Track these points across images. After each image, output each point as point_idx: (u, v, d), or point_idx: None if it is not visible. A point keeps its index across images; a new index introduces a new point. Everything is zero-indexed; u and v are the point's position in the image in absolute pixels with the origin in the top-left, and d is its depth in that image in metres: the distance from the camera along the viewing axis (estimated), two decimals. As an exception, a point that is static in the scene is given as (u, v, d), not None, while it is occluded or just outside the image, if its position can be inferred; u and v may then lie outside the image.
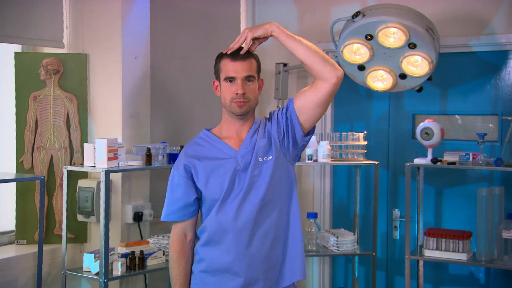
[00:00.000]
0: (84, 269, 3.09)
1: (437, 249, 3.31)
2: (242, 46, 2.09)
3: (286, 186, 2.13)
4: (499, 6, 3.50)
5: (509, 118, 3.28)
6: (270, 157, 2.10)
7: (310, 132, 2.16)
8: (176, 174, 2.13)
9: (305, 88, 2.14)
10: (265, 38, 2.10)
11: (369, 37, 3.15)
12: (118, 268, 3.04)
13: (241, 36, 2.08)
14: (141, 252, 3.14)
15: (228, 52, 2.08)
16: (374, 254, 3.53)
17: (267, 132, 2.14)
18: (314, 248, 3.55)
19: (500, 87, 3.57)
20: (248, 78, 2.08)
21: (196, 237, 2.17)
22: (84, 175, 3.36)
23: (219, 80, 2.12)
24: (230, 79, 2.08)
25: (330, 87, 2.04)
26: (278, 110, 2.18)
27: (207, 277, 2.10)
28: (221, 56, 2.12)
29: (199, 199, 2.13)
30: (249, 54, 2.10)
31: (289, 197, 2.14)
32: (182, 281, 2.13)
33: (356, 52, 3.29)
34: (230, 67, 2.07)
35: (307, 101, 2.09)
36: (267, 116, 2.22)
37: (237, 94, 2.07)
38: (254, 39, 2.09)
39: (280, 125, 2.13)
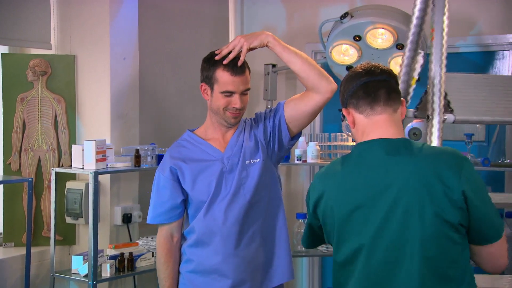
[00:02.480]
0: (72, 271, 3.07)
1: (425, 248, 3.32)
2: (238, 56, 2.03)
3: (272, 188, 2.13)
4: (486, 7, 3.53)
5: (496, 118, 3.31)
6: (258, 159, 2.10)
7: (296, 136, 2.17)
8: (161, 177, 2.11)
9: (296, 95, 2.14)
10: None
11: (357, 38, 3.17)
12: (107, 270, 3.02)
13: (236, 45, 2.02)
14: (130, 253, 3.13)
15: (225, 62, 2.02)
16: (363, 254, 3.54)
17: (253, 135, 2.13)
18: (303, 249, 3.56)
19: (487, 88, 3.60)
20: (245, 92, 2.07)
21: (182, 237, 2.17)
22: (73, 176, 3.35)
23: (211, 87, 2.07)
24: (229, 94, 2.04)
25: (323, 100, 2.05)
26: (265, 113, 2.17)
27: (195, 277, 2.10)
28: (215, 64, 2.04)
29: (185, 201, 2.13)
30: (245, 65, 2.06)
31: (275, 198, 2.14)
32: (171, 283, 2.13)
33: (344, 53, 3.30)
34: (229, 81, 2.02)
35: (298, 111, 2.09)
36: (253, 116, 2.22)
37: (234, 107, 2.05)
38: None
39: (266, 128, 2.13)
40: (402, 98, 1.66)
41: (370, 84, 1.61)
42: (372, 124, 1.61)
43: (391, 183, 1.53)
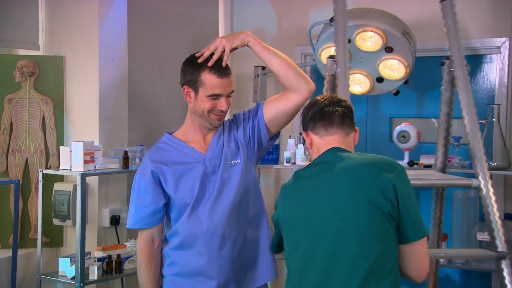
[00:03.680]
0: (59, 274, 3.05)
1: (413, 251, 3.33)
2: (221, 57, 2.02)
3: (253, 188, 2.14)
4: (474, 11, 3.56)
5: (483, 121, 3.32)
6: (239, 160, 2.10)
7: (275, 136, 2.18)
8: (143, 181, 2.08)
9: (275, 96, 2.15)
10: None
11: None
12: (94, 272, 3.01)
13: (218, 46, 2.02)
14: (118, 256, 3.12)
15: (209, 64, 2.01)
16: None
17: (233, 136, 2.14)
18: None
19: (475, 91, 3.62)
20: (230, 94, 2.07)
21: (164, 241, 2.15)
22: (60, 178, 3.33)
23: (195, 90, 2.04)
24: (216, 97, 2.04)
25: (301, 100, 2.06)
26: (244, 114, 2.17)
27: (180, 280, 2.09)
28: (199, 67, 2.02)
29: (166, 204, 2.11)
30: (228, 67, 2.05)
31: (257, 198, 2.15)
32: (153, 287, 2.11)
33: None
34: (216, 84, 2.01)
35: (277, 111, 2.10)
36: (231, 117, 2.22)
37: (220, 109, 2.05)
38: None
39: (246, 129, 2.14)
40: (356, 127, 1.87)
41: (325, 109, 1.84)
42: (325, 143, 1.83)
43: (330, 181, 1.75)
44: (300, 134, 1.92)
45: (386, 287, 1.66)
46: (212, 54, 2.03)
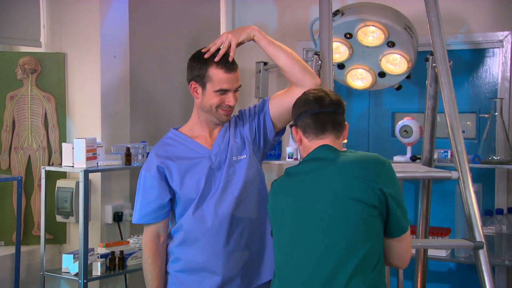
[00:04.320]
0: (63, 270, 3.06)
1: (416, 246, 3.34)
2: (228, 52, 2.02)
3: (259, 184, 2.14)
4: (476, 5, 3.55)
5: (486, 115, 3.32)
6: (244, 156, 2.10)
7: (280, 132, 2.18)
8: (148, 176, 2.08)
9: (280, 91, 2.15)
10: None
11: (348, 35, 3.16)
12: (97, 269, 3.02)
13: (225, 41, 2.02)
14: (121, 252, 3.12)
15: (216, 59, 2.01)
16: (354, 251, 3.54)
17: (239, 131, 2.14)
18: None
19: (478, 85, 3.61)
20: (237, 89, 2.07)
21: (169, 237, 2.15)
22: (63, 175, 3.33)
23: (203, 86, 2.04)
24: (224, 92, 2.04)
25: None
26: (249, 110, 2.18)
27: (184, 276, 2.09)
28: (206, 62, 2.02)
29: (171, 200, 2.11)
30: (235, 61, 2.05)
31: (263, 194, 2.15)
32: (159, 283, 2.10)
33: (335, 50, 3.30)
34: (224, 79, 2.01)
35: (283, 107, 2.10)
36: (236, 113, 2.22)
37: (228, 104, 2.05)
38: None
39: (252, 125, 2.14)
40: (345, 122, 1.87)
41: (318, 116, 1.82)
42: (315, 145, 1.83)
43: (320, 179, 1.76)
44: (291, 126, 1.91)
45: (372, 279, 1.69)
46: (218, 50, 2.03)
